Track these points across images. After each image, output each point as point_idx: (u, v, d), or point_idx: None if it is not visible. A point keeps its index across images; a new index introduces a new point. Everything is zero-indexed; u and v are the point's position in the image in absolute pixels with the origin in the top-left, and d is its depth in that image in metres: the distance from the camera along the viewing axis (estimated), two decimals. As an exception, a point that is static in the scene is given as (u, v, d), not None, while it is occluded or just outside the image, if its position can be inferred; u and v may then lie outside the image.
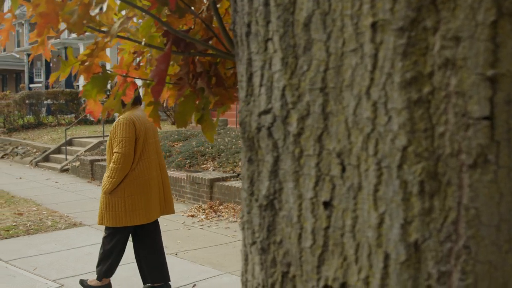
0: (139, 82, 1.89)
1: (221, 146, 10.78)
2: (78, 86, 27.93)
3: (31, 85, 34.17)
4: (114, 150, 4.68)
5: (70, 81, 30.69)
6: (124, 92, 1.64)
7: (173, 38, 1.43)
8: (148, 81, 1.69)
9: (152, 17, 1.51)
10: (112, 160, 4.68)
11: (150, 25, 1.56)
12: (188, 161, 10.66)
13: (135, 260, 5.85)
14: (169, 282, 4.98)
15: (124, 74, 1.65)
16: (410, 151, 0.80)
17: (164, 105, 1.92)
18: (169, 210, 5.14)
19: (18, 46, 40.69)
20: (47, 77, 33.12)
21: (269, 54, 0.98)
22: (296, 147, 0.93)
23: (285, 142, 0.95)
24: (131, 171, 4.73)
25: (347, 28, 0.85)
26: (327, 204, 0.90)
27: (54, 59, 34.55)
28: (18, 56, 40.69)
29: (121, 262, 5.81)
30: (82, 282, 5.03)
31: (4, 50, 44.02)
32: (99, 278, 4.92)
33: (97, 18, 1.53)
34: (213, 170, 9.90)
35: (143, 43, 1.52)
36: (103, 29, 1.56)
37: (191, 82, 1.54)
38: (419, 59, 0.79)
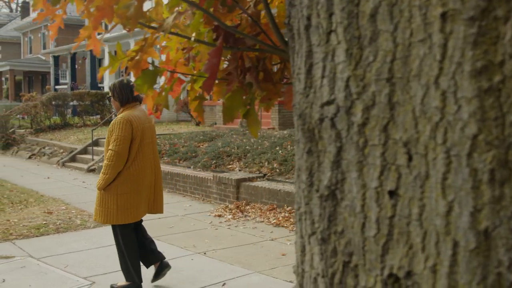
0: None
1: (247, 147, 10.81)
2: (103, 87, 28.20)
3: (56, 87, 34.60)
4: (109, 148, 4.78)
5: (95, 83, 31.00)
6: (171, 88, 1.66)
7: (223, 33, 1.45)
8: (194, 77, 1.72)
9: (201, 13, 1.53)
10: (106, 157, 4.79)
11: (200, 21, 1.58)
12: (214, 161, 10.70)
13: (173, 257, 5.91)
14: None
15: (172, 70, 1.67)
16: (480, 140, 0.80)
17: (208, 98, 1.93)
18: (158, 210, 5.21)
19: (44, 48, 41.22)
20: (72, 79, 33.49)
21: (332, 46, 0.99)
22: (361, 137, 0.94)
23: (348, 132, 0.96)
24: (126, 169, 4.82)
25: (415, 19, 0.86)
26: (392, 193, 0.90)
27: (80, 61, 34.93)
28: (44, 58, 41.22)
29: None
30: (112, 286, 5.10)
31: (31, 52, 44.63)
32: (127, 279, 5.01)
33: (147, 13, 1.55)
34: (239, 170, 9.93)
35: (192, 38, 1.55)
36: (153, 24, 1.59)
37: (239, 77, 1.56)
38: (490, 48, 0.80)
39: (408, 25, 0.86)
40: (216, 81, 1.76)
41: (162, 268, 5.18)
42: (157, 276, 5.19)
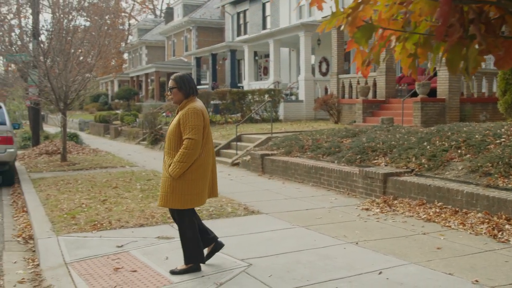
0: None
1: (393, 142, 10.63)
2: (242, 86, 28.99)
3: (198, 87, 36.04)
4: (187, 136, 5.00)
5: (235, 82, 31.95)
6: (384, 44, 1.69)
7: (452, -18, 1.45)
8: (406, 35, 1.72)
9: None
10: (184, 146, 4.99)
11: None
12: (359, 156, 10.64)
13: (295, 249, 6.00)
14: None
15: (385, 27, 1.69)
16: None
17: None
18: (215, 193, 5.54)
19: (186, 50, 43.16)
20: (213, 79, 34.78)
21: None
22: None
23: None
24: (198, 156, 5.08)
25: None
26: None
27: (220, 62, 36.17)
28: (186, 60, 43.18)
29: (280, 251, 5.98)
30: (172, 271, 5.33)
31: (174, 55, 46.93)
32: (187, 262, 5.32)
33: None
34: (385, 165, 9.78)
35: (414, -9, 1.56)
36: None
37: (460, 29, 1.55)
38: None
39: None
40: (421, 43, 1.77)
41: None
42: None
